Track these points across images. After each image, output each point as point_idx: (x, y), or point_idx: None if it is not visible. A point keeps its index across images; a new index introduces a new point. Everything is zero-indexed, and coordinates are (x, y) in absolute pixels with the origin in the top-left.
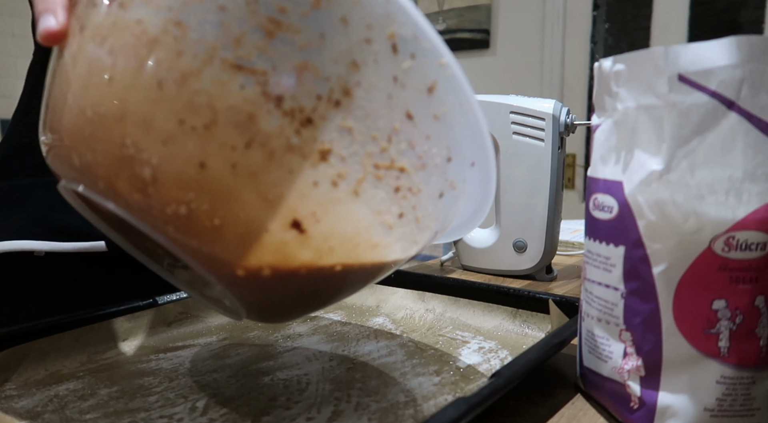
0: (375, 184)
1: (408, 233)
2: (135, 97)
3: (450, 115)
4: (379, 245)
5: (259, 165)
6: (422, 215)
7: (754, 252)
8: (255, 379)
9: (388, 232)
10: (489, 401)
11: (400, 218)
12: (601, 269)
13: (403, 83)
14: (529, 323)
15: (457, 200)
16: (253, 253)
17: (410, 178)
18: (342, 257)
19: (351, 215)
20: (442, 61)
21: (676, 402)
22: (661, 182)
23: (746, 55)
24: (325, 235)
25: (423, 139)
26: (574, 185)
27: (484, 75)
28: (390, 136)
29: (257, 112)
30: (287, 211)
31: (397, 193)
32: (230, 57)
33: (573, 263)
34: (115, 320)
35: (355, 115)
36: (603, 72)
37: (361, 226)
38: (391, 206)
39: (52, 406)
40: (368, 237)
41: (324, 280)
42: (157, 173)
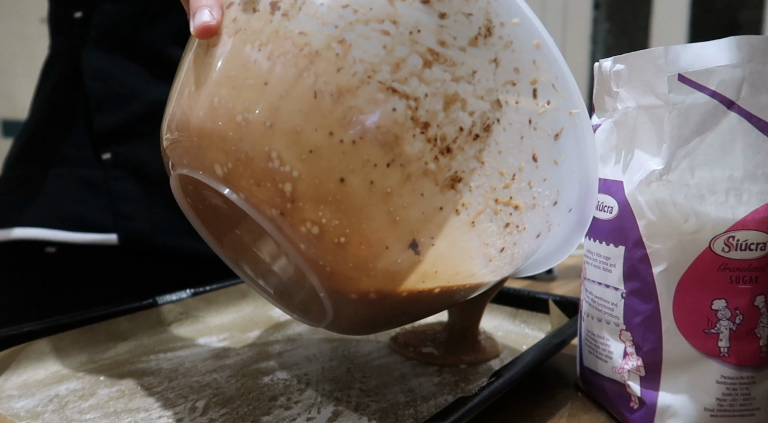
0: (491, 217)
1: (500, 267)
2: (289, 105)
3: (567, 161)
4: (475, 276)
5: (395, 185)
6: (518, 252)
7: (754, 252)
8: (255, 379)
9: (487, 264)
10: (489, 401)
11: (501, 252)
12: (601, 269)
13: (536, 126)
14: (529, 323)
15: (545, 241)
16: (368, 271)
17: (521, 216)
18: (441, 282)
19: (463, 244)
20: (573, 111)
21: (676, 402)
22: (661, 182)
23: (746, 55)
24: (435, 260)
25: (540, 181)
26: None
27: None
28: (514, 174)
29: (403, 134)
30: (409, 232)
31: (506, 229)
32: (387, 79)
33: (573, 263)
34: (115, 320)
35: (490, 150)
36: (603, 72)
37: (468, 255)
38: (497, 240)
39: (52, 406)
40: (470, 267)
41: (417, 302)
42: (296, 187)
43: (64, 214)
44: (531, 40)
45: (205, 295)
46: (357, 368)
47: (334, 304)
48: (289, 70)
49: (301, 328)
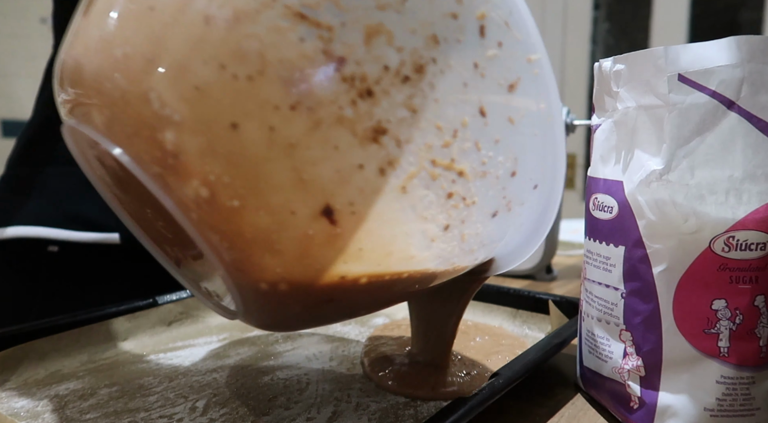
0: (427, 184)
1: (448, 252)
2: (174, 34)
3: (526, 121)
4: (414, 259)
5: (301, 134)
6: (469, 234)
7: (754, 252)
8: (255, 379)
9: (429, 245)
10: (489, 401)
11: (446, 231)
12: (601, 269)
13: (483, 73)
14: (529, 324)
15: (509, 226)
16: (272, 245)
17: (467, 185)
18: (370, 265)
19: (393, 214)
20: (531, 56)
21: (676, 402)
22: (661, 182)
23: (746, 55)
24: (358, 234)
25: (491, 142)
26: (574, 185)
27: None
28: (456, 131)
29: (312, 71)
30: (321, 195)
31: (448, 200)
32: (295, 3)
33: (573, 263)
34: (115, 320)
35: (423, 97)
36: (603, 72)
37: (401, 230)
38: (438, 214)
39: (52, 406)
40: (405, 246)
41: (344, 292)
42: (179, 136)
43: (67, 213)
44: None
45: None
46: (357, 368)
47: (238, 287)
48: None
49: None
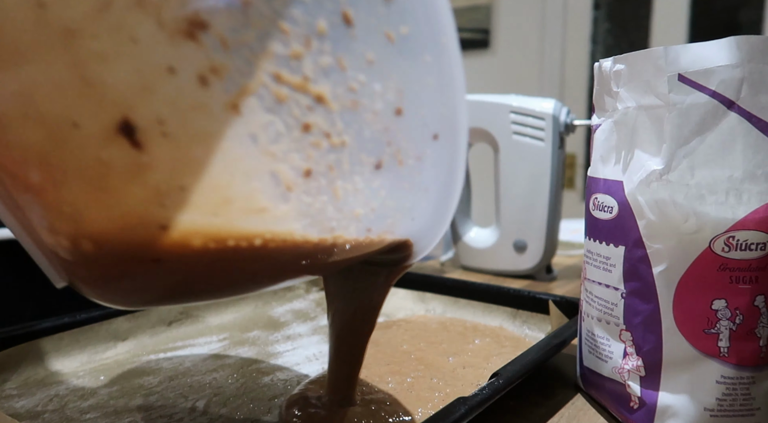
0: (271, 105)
1: (319, 210)
2: None
3: (412, 43)
4: (267, 213)
5: (83, 17)
6: (346, 188)
7: (754, 252)
8: (255, 379)
9: (284, 194)
10: (489, 401)
11: (307, 178)
12: (601, 269)
13: None
14: (529, 324)
15: (410, 189)
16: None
17: (331, 117)
18: (202, 213)
19: (224, 143)
20: None
21: (676, 402)
22: (661, 182)
23: (746, 55)
24: (174, 164)
25: (362, 62)
26: (574, 185)
27: (483, 75)
28: (309, 38)
29: None
30: (115, 105)
31: (305, 134)
32: None
33: (573, 263)
34: (115, 320)
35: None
36: (603, 72)
37: (239, 168)
38: (293, 152)
39: (52, 406)
40: (250, 191)
41: (171, 250)
42: None
43: None
44: None
45: None
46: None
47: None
48: None
49: (300, 328)
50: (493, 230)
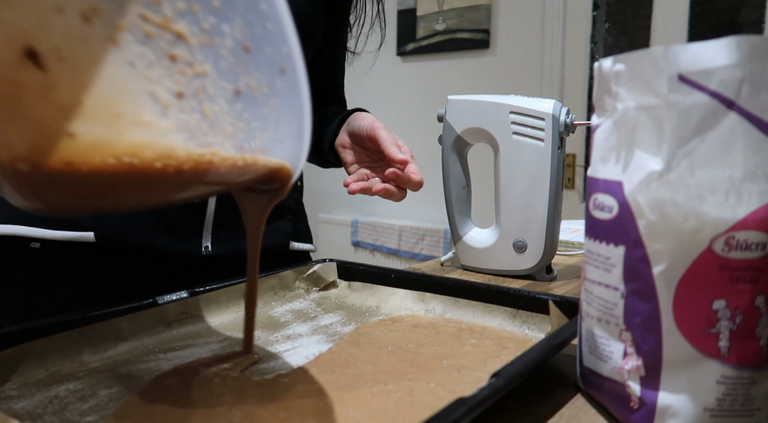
0: (142, 40)
1: (194, 126)
2: None
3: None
4: (151, 126)
5: None
6: (213, 110)
7: (754, 252)
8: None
9: (163, 112)
10: (489, 401)
11: (179, 99)
12: (601, 269)
13: None
14: (529, 324)
15: (268, 114)
16: None
17: (191, 50)
18: (98, 124)
19: (109, 69)
20: None
21: (676, 402)
22: (661, 182)
23: (746, 55)
24: (72, 84)
25: (210, 7)
26: (574, 185)
27: (484, 75)
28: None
29: None
30: (19, 35)
31: (173, 64)
32: None
33: (573, 263)
34: (115, 320)
35: None
36: (603, 72)
37: (123, 88)
38: (164, 77)
39: (52, 408)
40: (135, 108)
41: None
42: None
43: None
44: None
45: (205, 295)
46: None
47: None
48: None
49: (301, 328)
50: (493, 230)
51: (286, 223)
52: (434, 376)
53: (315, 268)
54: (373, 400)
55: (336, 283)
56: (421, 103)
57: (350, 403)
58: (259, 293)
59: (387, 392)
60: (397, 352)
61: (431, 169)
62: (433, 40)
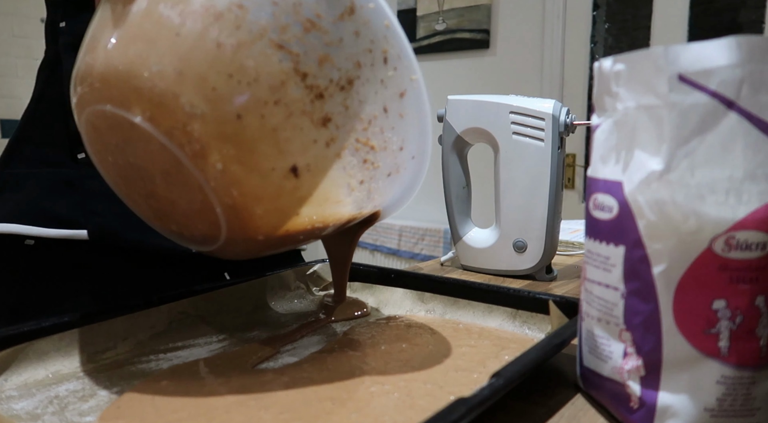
0: (353, 152)
1: (361, 199)
2: (196, 55)
3: (410, 116)
4: (340, 203)
5: (280, 120)
6: (374, 187)
7: (754, 252)
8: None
9: (350, 193)
10: (489, 401)
11: (361, 184)
12: (601, 269)
13: (386, 85)
14: (529, 324)
15: (396, 184)
16: (259, 197)
17: (375, 155)
18: (315, 206)
19: (331, 172)
20: (413, 76)
21: (676, 402)
22: (661, 182)
23: (746, 55)
24: (310, 184)
25: (389, 128)
26: (574, 185)
27: (484, 75)
28: (371, 120)
29: (287, 81)
30: (291, 159)
31: (364, 164)
32: (276, 38)
33: (573, 263)
34: (115, 320)
35: (352, 99)
36: (603, 72)
37: (335, 182)
38: (357, 172)
39: (52, 408)
40: (336, 193)
41: (293, 226)
42: (203, 126)
43: (40, 211)
44: (383, 20)
45: (205, 294)
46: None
47: (229, 227)
48: (197, 25)
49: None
50: (493, 230)
51: None
52: (431, 377)
53: (315, 268)
54: (373, 401)
55: None
56: None
57: (351, 404)
58: (259, 293)
59: (385, 393)
60: (391, 352)
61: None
62: (433, 40)
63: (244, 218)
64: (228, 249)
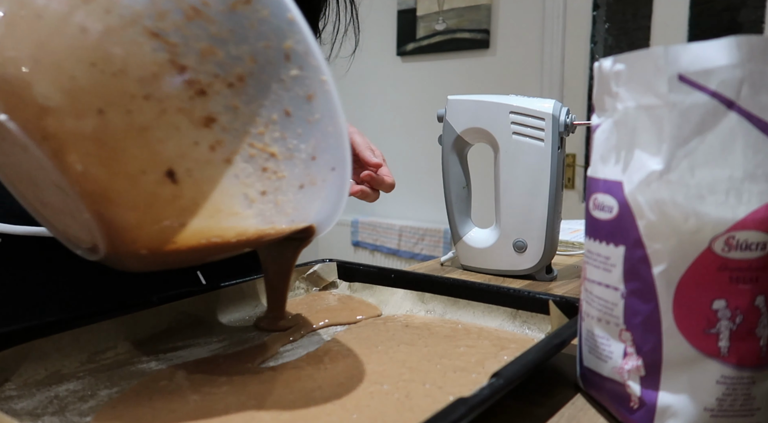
0: (247, 159)
1: (266, 211)
2: (56, 40)
3: (321, 122)
4: (239, 215)
5: (152, 117)
6: (282, 200)
7: (754, 252)
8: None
9: (249, 205)
10: (489, 401)
11: (263, 196)
12: (601, 269)
13: (288, 86)
14: (529, 324)
15: (315, 197)
16: (129, 198)
17: (278, 163)
18: (204, 218)
19: (220, 179)
20: (323, 77)
21: (676, 402)
22: (661, 182)
23: (746, 55)
24: (194, 192)
25: (295, 135)
26: (574, 185)
27: (484, 75)
28: (268, 124)
29: (161, 73)
30: (165, 162)
31: (264, 173)
32: (151, 25)
33: (573, 263)
34: (115, 320)
35: (242, 99)
36: (603, 72)
37: (226, 192)
38: (256, 182)
39: (52, 408)
40: (231, 204)
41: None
42: (59, 120)
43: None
44: (285, 13)
45: (205, 294)
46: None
47: (103, 237)
48: (62, 6)
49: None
50: (493, 230)
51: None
52: (429, 378)
53: (315, 268)
54: (373, 402)
55: (336, 283)
56: (421, 103)
57: (350, 404)
58: (259, 293)
59: (384, 393)
60: (388, 352)
61: (431, 169)
62: (433, 40)
63: (116, 227)
64: (120, 261)
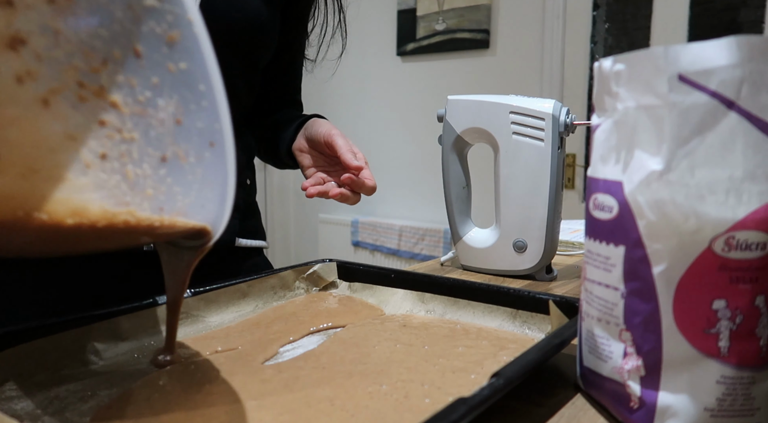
0: (74, 104)
1: (114, 186)
2: None
3: (188, 77)
4: (69, 183)
5: None
6: (135, 173)
7: (754, 252)
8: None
9: (84, 170)
10: (489, 401)
11: (102, 160)
12: (601, 269)
13: (139, 18)
14: (529, 324)
15: (194, 180)
16: None
17: (122, 118)
18: (14, 177)
19: (35, 125)
20: (189, 17)
21: (676, 402)
22: (661, 182)
23: (746, 55)
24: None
25: (148, 84)
26: (574, 185)
27: (484, 75)
28: (106, 60)
29: None
30: None
31: (102, 128)
32: None
33: (573, 263)
34: (115, 320)
35: (68, 21)
36: (603, 72)
37: (46, 144)
38: (91, 139)
39: (52, 408)
40: (54, 164)
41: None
42: None
43: None
44: None
45: (204, 294)
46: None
47: None
48: None
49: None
50: (493, 230)
51: (234, 221)
52: (428, 378)
53: (315, 268)
54: (372, 402)
55: (336, 283)
56: (421, 103)
57: (349, 405)
58: (259, 293)
59: (383, 393)
60: (389, 353)
61: (431, 169)
62: (433, 40)
63: None
64: None
